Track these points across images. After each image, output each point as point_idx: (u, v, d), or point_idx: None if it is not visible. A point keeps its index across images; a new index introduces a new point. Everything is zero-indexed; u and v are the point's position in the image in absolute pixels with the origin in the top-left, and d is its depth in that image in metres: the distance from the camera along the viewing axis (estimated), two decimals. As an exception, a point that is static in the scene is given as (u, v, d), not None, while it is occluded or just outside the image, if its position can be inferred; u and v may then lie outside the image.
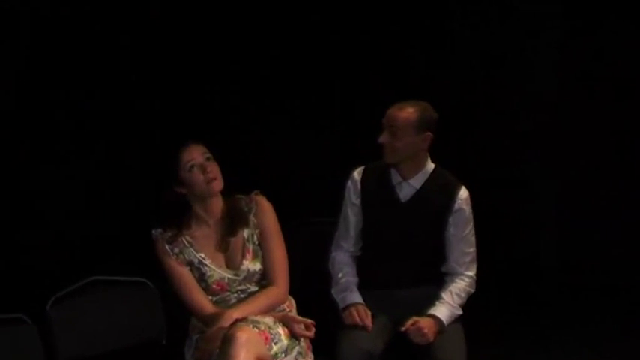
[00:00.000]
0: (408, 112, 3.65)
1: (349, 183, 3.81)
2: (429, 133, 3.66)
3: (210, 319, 3.42)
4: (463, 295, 3.73)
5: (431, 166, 3.75)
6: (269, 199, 3.54)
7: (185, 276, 3.50)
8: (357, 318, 3.60)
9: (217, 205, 3.54)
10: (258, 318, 3.39)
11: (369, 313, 3.64)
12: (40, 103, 4.09)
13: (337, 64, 4.46)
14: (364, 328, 3.61)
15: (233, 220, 3.55)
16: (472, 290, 3.79)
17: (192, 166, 3.45)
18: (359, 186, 3.78)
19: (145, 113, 4.22)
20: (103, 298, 3.62)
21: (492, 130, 4.71)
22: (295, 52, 4.41)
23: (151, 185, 3.54)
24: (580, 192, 4.80)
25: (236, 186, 3.47)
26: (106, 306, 3.62)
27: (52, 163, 4.11)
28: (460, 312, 3.72)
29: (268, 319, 3.40)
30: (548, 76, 4.73)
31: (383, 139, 3.67)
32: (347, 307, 3.66)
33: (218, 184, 3.47)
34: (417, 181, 3.74)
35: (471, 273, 3.79)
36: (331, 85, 4.44)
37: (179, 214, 3.53)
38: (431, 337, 3.58)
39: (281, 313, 3.50)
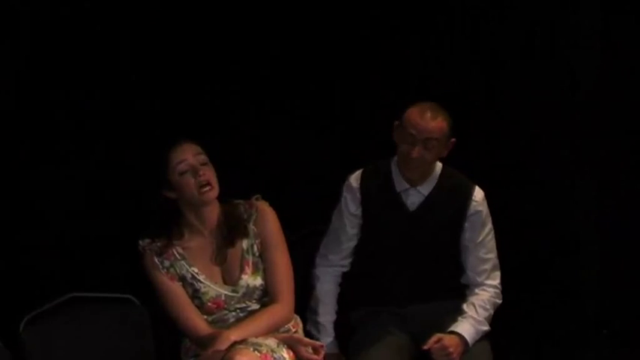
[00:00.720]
0: (441, 122, 3.40)
1: (345, 191, 3.53)
2: (454, 139, 3.46)
3: (205, 341, 3.10)
4: (488, 306, 3.46)
5: (439, 167, 3.51)
6: (267, 201, 3.36)
7: (177, 293, 3.16)
8: None
9: (213, 212, 3.23)
10: (260, 340, 3.07)
11: None
12: (40, 103, 4.08)
13: (337, 64, 4.44)
14: None
15: (230, 229, 3.22)
16: (498, 301, 3.52)
17: (182, 169, 3.16)
18: (358, 194, 3.50)
19: (145, 113, 4.21)
20: (83, 317, 3.28)
21: (515, 129, 4.56)
22: (295, 51, 4.40)
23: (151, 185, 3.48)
24: (620, 194, 4.58)
25: (233, 188, 3.39)
26: (86, 327, 3.28)
27: (52, 163, 4.10)
28: (486, 327, 3.45)
29: (271, 341, 3.08)
30: (584, 71, 4.54)
31: (418, 153, 3.36)
32: None
33: (212, 193, 3.17)
34: (425, 187, 3.48)
35: (494, 282, 3.51)
36: (331, 85, 4.43)
37: (169, 222, 3.21)
38: (456, 357, 3.32)
39: (286, 335, 3.19)
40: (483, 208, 3.51)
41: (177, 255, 3.23)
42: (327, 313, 3.51)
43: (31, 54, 4.06)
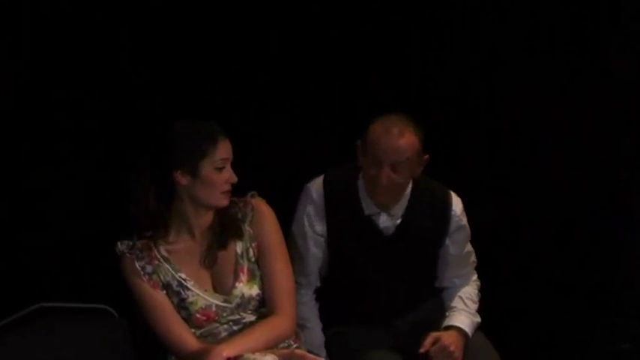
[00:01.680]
0: (409, 138, 3.01)
1: (305, 203, 3.15)
2: (427, 155, 3.09)
3: (194, 358, 2.79)
4: (475, 299, 3.32)
5: (410, 182, 3.13)
6: (266, 201, 3.17)
7: (161, 303, 2.85)
8: None
9: (210, 212, 2.93)
10: (257, 356, 2.77)
11: None
12: (40, 103, 4.09)
13: (337, 63, 4.44)
14: None
15: (223, 230, 2.91)
16: (479, 291, 3.38)
17: (221, 165, 2.90)
18: (322, 209, 3.13)
19: (145, 113, 4.21)
20: (53, 331, 2.93)
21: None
22: (295, 50, 4.40)
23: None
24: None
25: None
26: (57, 342, 2.90)
27: (52, 163, 4.11)
28: (479, 319, 3.27)
29: (270, 357, 2.76)
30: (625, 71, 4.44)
31: (387, 179, 2.96)
32: None
33: (228, 200, 2.92)
34: (398, 208, 3.15)
35: (474, 276, 3.36)
36: (331, 85, 4.43)
37: (163, 205, 2.88)
38: (459, 354, 3.07)
39: (286, 350, 2.90)
40: (464, 220, 3.26)
41: (160, 258, 2.91)
42: (312, 338, 3.25)
43: (31, 54, 4.06)
